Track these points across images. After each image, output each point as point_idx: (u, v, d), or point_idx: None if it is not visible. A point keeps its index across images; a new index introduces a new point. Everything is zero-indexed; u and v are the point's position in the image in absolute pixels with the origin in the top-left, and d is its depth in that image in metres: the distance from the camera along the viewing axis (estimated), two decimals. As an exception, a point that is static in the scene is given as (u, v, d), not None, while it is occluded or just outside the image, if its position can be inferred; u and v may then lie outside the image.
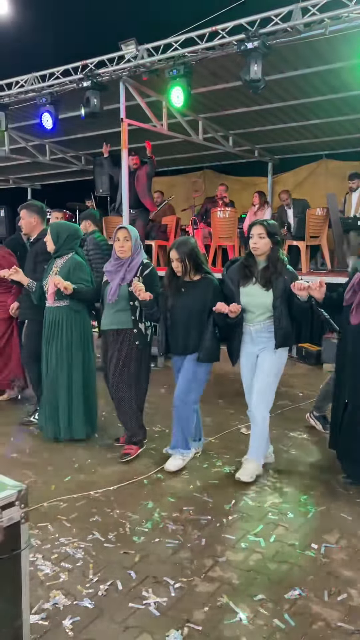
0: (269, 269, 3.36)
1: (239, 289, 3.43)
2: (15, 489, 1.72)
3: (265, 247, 3.35)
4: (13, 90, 7.77)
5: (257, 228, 3.35)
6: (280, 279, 3.32)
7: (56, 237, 4.04)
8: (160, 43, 6.46)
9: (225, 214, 7.91)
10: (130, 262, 3.76)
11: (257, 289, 3.37)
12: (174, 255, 3.49)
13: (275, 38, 5.63)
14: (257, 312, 3.40)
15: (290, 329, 3.36)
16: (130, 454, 3.82)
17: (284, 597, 2.35)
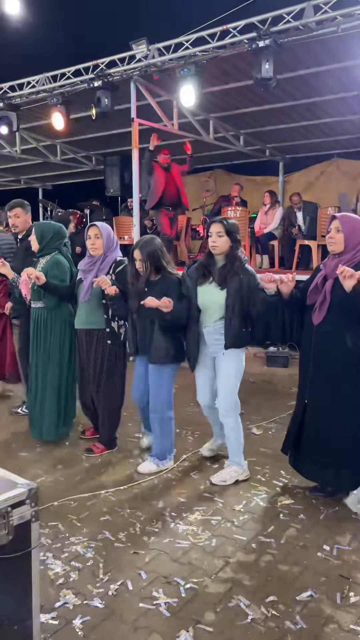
0: (226, 267, 3.33)
1: (196, 288, 3.41)
2: (26, 488, 1.71)
3: (224, 245, 3.33)
4: (24, 91, 7.81)
5: (215, 226, 3.33)
6: (236, 278, 3.28)
7: (40, 236, 4.04)
8: (171, 42, 6.46)
9: (236, 213, 7.89)
10: (103, 259, 3.76)
11: (213, 288, 3.35)
12: (137, 255, 3.48)
13: (287, 36, 5.62)
14: (210, 311, 3.37)
15: (241, 330, 3.31)
16: (94, 452, 3.85)
17: (295, 599, 2.33)
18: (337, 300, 2.91)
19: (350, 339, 2.92)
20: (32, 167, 12.01)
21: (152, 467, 3.59)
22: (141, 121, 7.22)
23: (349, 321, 2.92)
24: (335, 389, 3.01)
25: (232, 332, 3.30)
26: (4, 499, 1.64)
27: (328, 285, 2.98)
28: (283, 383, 5.78)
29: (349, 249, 2.95)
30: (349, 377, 2.97)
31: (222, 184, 11.49)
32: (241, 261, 3.35)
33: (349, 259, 2.93)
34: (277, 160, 10.72)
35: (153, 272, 3.49)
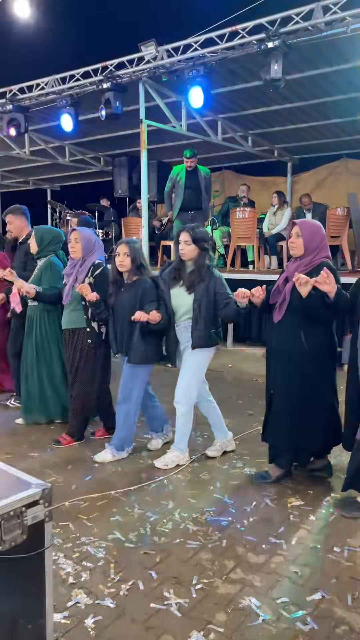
0: (194, 273, 3.54)
1: (169, 291, 3.63)
2: (40, 488, 1.72)
3: (191, 253, 3.54)
4: (34, 93, 7.86)
5: (183, 235, 3.54)
6: (202, 283, 3.51)
7: (40, 240, 4.31)
8: (180, 44, 6.49)
9: (245, 214, 7.88)
10: (82, 263, 3.94)
11: (182, 291, 3.58)
12: (122, 249, 3.64)
13: (296, 37, 5.62)
14: (181, 312, 3.60)
15: (207, 331, 3.54)
16: (61, 443, 4.03)
17: (306, 600, 2.33)
18: (296, 301, 3.12)
19: (306, 338, 3.16)
20: (40, 168, 12.07)
21: (108, 456, 3.78)
22: (149, 122, 7.24)
23: (305, 320, 3.15)
24: (293, 381, 3.24)
25: (198, 333, 3.54)
26: (18, 499, 1.65)
27: (288, 286, 3.18)
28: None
29: (308, 252, 3.20)
30: (305, 371, 3.21)
31: (230, 184, 11.49)
32: (208, 267, 3.56)
33: (309, 262, 3.19)
34: (285, 160, 10.70)
35: (134, 271, 3.65)
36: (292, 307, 3.16)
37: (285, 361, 3.26)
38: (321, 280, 2.93)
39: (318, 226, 3.28)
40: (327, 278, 2.92)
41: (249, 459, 3.83)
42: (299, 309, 3.12)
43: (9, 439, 4.23)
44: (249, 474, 3.59)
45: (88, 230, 4.12)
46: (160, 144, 9.55)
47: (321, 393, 3.26)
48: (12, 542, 1.64)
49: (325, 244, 3.28)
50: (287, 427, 3.30)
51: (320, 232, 3.26)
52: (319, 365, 3.23)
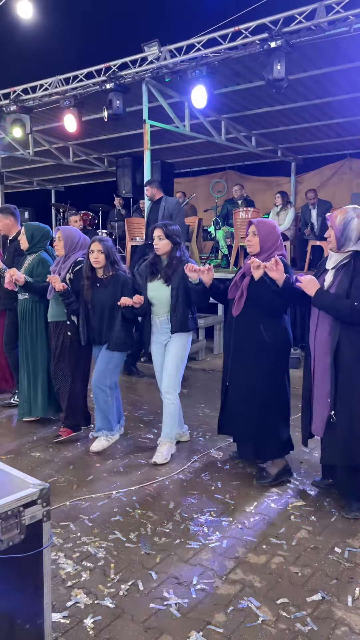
0: (169, 266, 3.75)
1: (146, 284, 3.82)
2: (38, 488, 1.73)
3: (165, 247, 3.75)
4: (38, 94, 7.88)
5: (156, 231, 3.77)
6: (177, 274, 3.70)
7: (30, 236, 4.48)
8: (183, 44, 6.48)
9: (248, 214, 7.87)
10: (65, 260, 4.15)
11: (160, 284, 3.77)
12: (96, 247, 3.84)
13: (299, 36, 5.60)
14: (160, 304, 3.79)
15: (185, 317, 3.75)
16: (62, 436, 4.15)
17: (306, 601, 2.32)
18: (253, 295, 3.30)
19: (264, 330, 3.32)
20: (44, 168, 12.10)
21: (104, 442, 3.97)
22: (153, 123, 7.25)
23: (262, 314, 3.32)
24: (250, 373, 3.37)
25: (177, 319, 3.74)
26: (16, 499, 1.66)
27: (245, 282, 3.34)
28: (294, 384, 5.74)
29: (263, 250, 3.38)
30: (262, 363, 3.34)
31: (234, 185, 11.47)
32: (181, 259, 3.75)
33: (264, 259, 3.32)
34: (289, 160, 10.68)
35: (108, 267, 3.87)
36: (249, 301, 3.33)
37: (245, 354, 3.40)
38: (270, 267, 3.11)
39: (273, 226, 3.45)
40: (276, 265, 3.09)
41: (250, 459, 3.82)
42: (256, 302, 3.29)
43: (11, 438, 4.24)
44: (250, 473, 3.58)
45: (72, 229, 4.30)
46: (164, 144, 9.56)
47: (279, 384, 3.40)
48: (10, 542, 1.65)
49: (280, 243, 3.44)
50: (248, 419, 3.41)
51: (275, 231, 3.42)
52: (277, 358, 3.37)
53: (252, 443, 3.50)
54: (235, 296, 3.40)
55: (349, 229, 2.96)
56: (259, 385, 3.35)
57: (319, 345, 3.06)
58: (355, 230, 2.96)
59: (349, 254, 2.98)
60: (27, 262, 4.48)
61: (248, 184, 10.81)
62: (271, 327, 3.33)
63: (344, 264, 2.99)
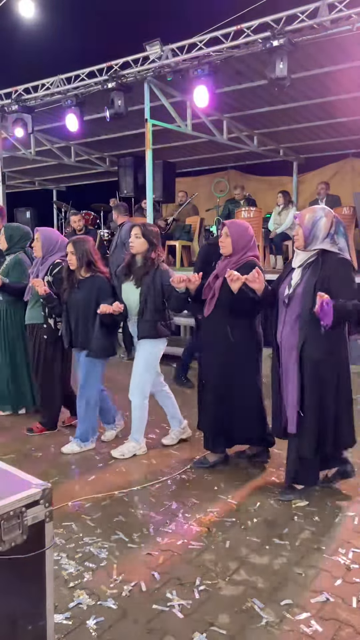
0: (142, 267, 3.72)
1: (121, 286, 3.83)
2: (40, 488, 1.71)
3: (140, 247, 3.71)
4: (39, 93, 7.86)
5: (134, 229, 3.75)
6: (148, 277, 3.67)
7: (9, 238, 4.56)
8: (185, 43, 6.46)
9: (250, 214, 7.86)
10: (43, 262, 4.17)
11: (132, 286, 3.75)
12: (69, 248, 3.85)
13: (302, 35, 5.58)
14: (131, 307, 3.77)
15: (154, 323, 3.70)
16: (34, 431, 4.27)
17: (310, 602, 2.31)
18: (224, 296, 3.35)
19: (231, 330, 3.40)
20: (46, 168, 12.08)
21: (75, 447, 3.95)
22: (155, 122, 7.23)
23: (230, 315, 3.39)
24: (221, 371, 3.48)
25: (144, 324, 3.71)
26: (18, 499, 1.64)
27: (218, 283, 3.41)
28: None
29: (236, 251, 3.43)
30: (232, 361, 3.44)
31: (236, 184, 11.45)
32: (154, 262, 3.71)
33: (237, 260, 3.41)
34: (291, 160, 10.66)
35: (84, 269, 3.84)
36: (220, 302, 3.40)
37: (215, 352, 3.50)
38: (252, 279, 3.11)
39: (245, 227, 3.51)
40: (258, 277, 3.11)
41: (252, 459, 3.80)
42: (226, 304, 3.35)
43: (13, 439, 4.23)
44: (253, 473, 3.56)
45: (50, 231, 4.32)
46: (166, 143, 9.54)
47: (247, 381, 3.49)
48: (12, 543, 1.63)
49: (253, 244, 3.51)
50: (218, 415, 3.53)
51: (247, 232, 3.47)
52: (245, 356, 3.47)
53: (223, 439, 3.61)
54: (208, 297, 3.48)
55: (317, 227, 3.01)
56: (227, 383, 3.47)
57: (285, 344, 3.12)
58: (323, 229, 3.01)
59: (316, 252, 3.03)
60: (5, 263, 4.55)
61: (250, 183, 10.79)
62: (238, 327, 3.42)
63: (310, 262, 3.04)
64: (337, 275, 2.93)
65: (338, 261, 2.97)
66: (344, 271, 2.95)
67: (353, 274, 2.99)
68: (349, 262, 3.00)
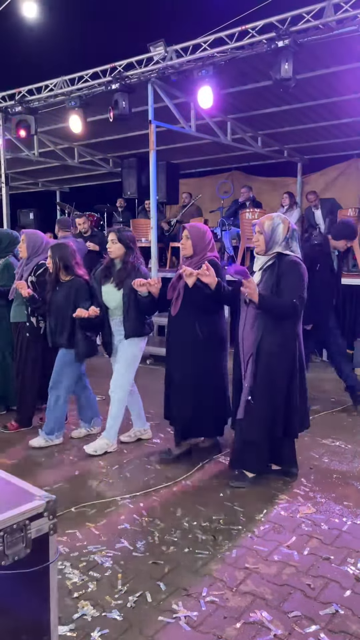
0: (122, 270, 3.85)
1: (100, 287, 3.92)
2: (44, 500, 1.67)
3: (118, 251, 3.85)
4: (43, 94, 7.84)
5: (110, 235, 3.88)
6: (129, 280, 3.75)
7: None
8: (189, 44, 6.42)
9: (254, 215, 7.80)
10: (27, 263, 4.30)
11: (112, 288, 3.87)
12: (48, 253, 4.03)
13: (307, 36, 5.54)
14: (112, 307, 3.89)
15: (137, 321, 3.85)
16: (9, 429, 4.38)
17: (319, 614, 2.26)
18: (188, 295, 3.53)
19: (199, 328, 3.57)
20: (49, 169, 12.05)
21: (41, 441, 4.06)
22: (158, 123, 7.19)
23: (197, 312, 3.57)
24: (187, 366, 3.63)
25: (129, 324, 3.84)
26: (21, 512, 1.60)
27: (181, 283, 3.57)
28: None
29: (197, 252, 3.64)
30: (198, 357, 3.61)
31: (240, 185, 11.39)
32: (133, 264, 3.85)
33: (197, 261, 3.59)
34: (295, 161, 10.60)
35: (63, 271, 4.00)
36: (185, 301, 3.57)
37: (181, 349, 3.66)
38: (202, 273, 3.35)
39: (205, 229, 3.71)
40: (207, 270, 3.34)
41: (259, 465, 3.75)
42: (192, 302, 3.53)
43: (15, 445, 4.19)
44: (259, 480, 3.51)
45: (35, 233, 4.41)
46: (169, 144, 9.49)
47: (212, 376, 3.67)
48: (16, 557, 1.59)
49: (212, 245, 3.71)
50: (183, 408, 3.67)
51: (205, 235, 3.67)
52: (211, 352, 3.65)
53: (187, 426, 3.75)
54: (174, 296, 3.63)
55: (276, 233, 3.27)
56: (195, 377, 3.62)
57: (245, 339, 3.34)
58: (282, 235, 3.28)
59: (274, 255, 3.28)
60: None
61: (254, 184, 10.72)
62: (206, 324, 3.60)
63: (269, 265, 3.29)
64: (287, 275, 3.22)
65: (290, 263, 3.25)
66: (292, 272, 3.23)
67: (301, 275, 3.25)
68: (299, 264, 3.27)
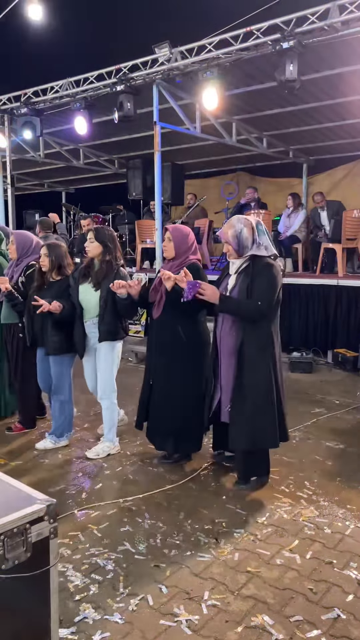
0: (100, 270, 3.82)
1: (78, 287, 3.88)
2: (44, 504, 1.67)
3: (95, 250, 3.83)
4: (48, 96, 7.86)
5: (89, 233, 3.88)
6: (107, 281, 3.74)
7: None
8: (194, 45, 6.43)
9: (259, 216, 7.79)
10: (17, 264, 4.32)
11: (90, 288, 3.84)
12: (43, 251, 4.00)
13: (312, 37, 5.53)
14: (88, 308, 3.85)
15: (114, 325, 3.82)
16: (13, 430, 4.40)
17: (321, 619, 2.25)
18: (170, 298, 3.48)
19: (182, 331, 3.56)
20: (55, 170, 12.09)
21: (49, 444, 4.09)
22: (163, 124, 7.19)
23: (179, 315, 3.54)
24: (169, 371, 3.62)
25: (105, 327, 3.80)
26: (22, 516, 1.61)
27: (164, 286, 3.51)
28: (307, 389, 5.67)
29: (179, 255, 3.61)
30: (180, 360, 3.59)
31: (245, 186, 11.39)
32: (111, 264, 3.82)
33: (179, 263, 3.58)
34: (300, 162, 10.59)
35: (55, 272, 3.99)
36: (168, 304, 3.54)
37: (165, 352, 3.64)
38: (180, 279, 3.32)
39: (187, 232, 3.68)
40: (185, 277, 3.30)
41: (262, 467, 3.74)
42: (174, 305, 3.49)
43: (18, 446, 4.20)
44: (263, 483, 3.50)
45: (26, 234, 4.43)
46: (174, 146, 9.51)
47: (195, 382, 3.62)
48: (16, 560, 1.60)
49: (195, 248, 3.69)
50: (168, 413, 3.65)
51: (188, 238, 3.65)
52: (193, 354, 3.62)
53: (172, 438, 3.72)
54: (156, 299, 3.61)
55: (241, 239, 3.26)
56: (178, 380, 3.61)
57: (222, 341, 3.37)
58: (249, 238, 3.26)
59: (248, 257, 3.28)
60: None
61: (259, 185, 10.72)
62: (188, 327, 3.59)
63: (244, 268, 3.30)
64: (258, 277, 3.22)
65: (263, 266, 3.25)
66: (263, 275, 3.22)
67: (272, 278, 3.23)
68: (272, 266, 3.27)
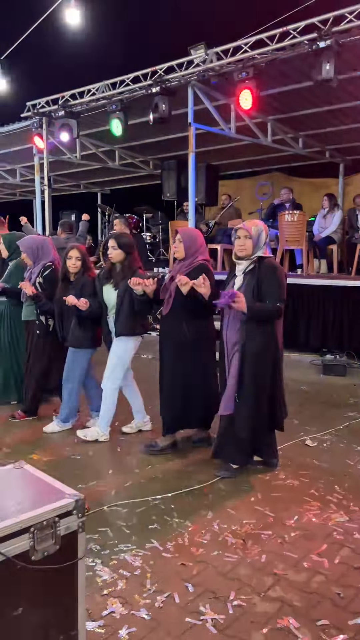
0: (120, 273, 4.11)
1: (102, 287, 4.20)
2: (73, 498, 1.71)
3: (118, 256, 4.12)
4: (85, 99, 8.00)
5: (110, 241, 4.14)
6: (125, 282, 3.98)
7: (8, 245, 5.04)
8: (230, 46, 6.44)
9: (294, 217, 7.73)
10: (35, 266, 4.64)
11: (111, 288, 4.15)
12: (74, 254, 4.31)
13: (350, 35, 5.46)
14: (110, 306, 4.16)
15: (128, 322, 4.07)
16: (16, 417, 4.70)
17: (348, 624, 2.23)
18: (179, 297, 3.70)
19: (187, 328, 3.77)
20: (91, 172, 12.27)
21: (55, 427, 4.45)
22: (198, 125, 7.22)
23: (186, 313, 3.75)
24: (176, 363, 3.86)
25: (120, 323, 4.09)
26: (51, 509, 1.65)
27: (173, 284, 3.74)
28: (339, 392, 5.60)
29: (188, 255, 3.82)
30: (186, 355, 3.81)
31: (280, 187, 11.29)
32: (131, 267, 4.11)
33: (189, 263, 3.81)
34: (337, 162, 10.44)
35: (82, 270, 4.34)
36: (176, 301, 3.76)
37: (171, 346, 3.89)
38: (198, 284, 3.51)
39: (196, 234, 3.93)
40: (204, 282, 3.51)
41: (291, 469, 3.73)
42: (182, 303, 3.70)
43: (51, 441, 4.29)
44: (291, 485, 3.49)
45: (28, 240, 4.72)
46: (209, 146, 9.52)
47: (200, 375, 3.86)
48: (45, 552, 1.64)
49: (204, 249, 3.93)
50: (172, 402, 3.90)
51: (197, 239, 3.87)
52: (197, 351, 3.83)
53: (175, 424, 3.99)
54: (165, 297, 3.84)
55: (260, 238, 3.47)
56: (183, 377, 3.84)
57: (229, 340, 3.54)
58: (264, 240, 3.49)
59: (254, 259, 3.46)
60: (8, 268, 5.03)
61: (295, 186, 10.62)
62: (193, 325, 3.79)
63: (250, 269, 3.47)
64: (267, 278, 3.41)
65: (269, 267, 3.46)
66: (273, 277, 3.42)
67: (281, 278, 3.45)
68: (277, 267, 3.50)
